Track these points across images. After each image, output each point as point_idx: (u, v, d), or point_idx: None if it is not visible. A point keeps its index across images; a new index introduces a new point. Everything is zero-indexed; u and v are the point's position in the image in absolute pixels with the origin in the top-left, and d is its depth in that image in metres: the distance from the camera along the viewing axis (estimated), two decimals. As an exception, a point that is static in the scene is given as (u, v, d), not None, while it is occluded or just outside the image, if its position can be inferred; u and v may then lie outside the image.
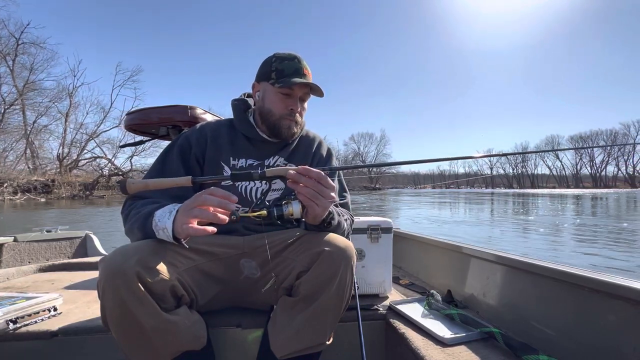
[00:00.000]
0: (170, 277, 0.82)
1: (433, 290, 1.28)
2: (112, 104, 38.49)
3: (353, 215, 1.17)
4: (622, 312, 0.78)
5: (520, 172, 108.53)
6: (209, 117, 1.83)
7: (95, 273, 1.74)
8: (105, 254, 2.35)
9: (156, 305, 0.78)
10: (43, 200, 24.13)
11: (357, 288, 1.01)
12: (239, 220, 0.78)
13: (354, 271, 0.92)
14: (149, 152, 34.75)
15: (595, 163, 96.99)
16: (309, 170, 0.80)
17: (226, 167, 1.07)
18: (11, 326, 1.01)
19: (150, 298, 0.77)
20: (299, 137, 1.17)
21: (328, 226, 0.94)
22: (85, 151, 35.70)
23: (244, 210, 0.96)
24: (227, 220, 0.75)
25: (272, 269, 0.94)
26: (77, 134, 35.65)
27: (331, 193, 0.82)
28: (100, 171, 34.43)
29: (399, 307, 1.21)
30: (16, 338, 1.03)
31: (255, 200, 1.06)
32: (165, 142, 2.02)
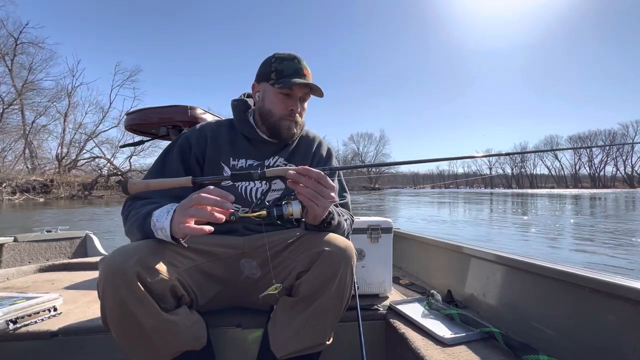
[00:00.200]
0: (170, 277, 0.82)
1: (433, 290, 1.28)
2: (111, 104, 38.53)
3: (353, 215, 1.17)
4: (622, 312, 0.78)
5: (519, 172, 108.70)
6: (209, 117, 1.83)
7: (95, 273, 1.74)
8: (105, 254, 2.35)
9: (156, 305, 0.78)
10: (42, 200, 24.10)
11: (357, 288, 1.01)
12: (239, 221, 0.78)
13: (354, 271, 0.92)
14: (147, 152, 34.80)
15: (594, 163, 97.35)
16: (309, 171, 0.80)
17: (226, 167, 1.07)
18: (11, 326, 1.01)
19: (150, 298, 0.77)
20: (298, 137, 1.17)
21: (328, 226, 0.94)
22: (84, 151, 35.70)
23: (244, 210, 0.96)
24: (224, 219, 0.75)
25: (272, 269, 0.94)
26: (76, 134, 35.66)
27: (331, 193, 0.82)
28: (99, 171, 34.40)
29: (399, 307, 1.21)
30: (16, 338, 1.02)
31: (255, 201, 1.06)
32: (165, 142, 2.02)
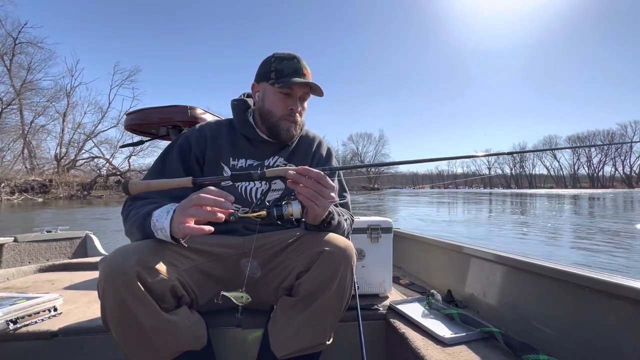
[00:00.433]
0: (170, 277, 0.82)
1: (433, 290, 1.28)
2: (109, 104, 38.64)
3: (353, 215, 1.17)
4: (622, 312, 0.78)
5: (518, 172, 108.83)
6: (208, 117, 1.83)
7: (95, 273, 1.74)
8: (105, 254, 2.35)
9: (156, 305, 0.78)
10: (40, 200, 24.07)
11: (357, 288, 1.01)
12: (239, 221, 0.78)
13: (354, 271, 0.92)
14: (147, 152, 34.82)
15: (593, 163, 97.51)
16: (309, 171, 0.80)
17: (226, 167, 1.07)
18: (11, 326, 1.01)
19: (150, 298, 0.77)
20: (298, 137, 1.17)
21: (328, 226, 0.94)
22: (83, 151, 35.74)
23: (244, 210, 0.96)
24: (223, 219, 0.75)
25: (272, 269, 0.94)
26: (74, 133, 35.69)
27: (331, 193, 0.82)
28: (98, 171, 34.42)
29: (399, 307, 1.21)
30: (16, 338, 1.02)
31: (255, 201, 1.05)
32: (165, 142, 2.02)
